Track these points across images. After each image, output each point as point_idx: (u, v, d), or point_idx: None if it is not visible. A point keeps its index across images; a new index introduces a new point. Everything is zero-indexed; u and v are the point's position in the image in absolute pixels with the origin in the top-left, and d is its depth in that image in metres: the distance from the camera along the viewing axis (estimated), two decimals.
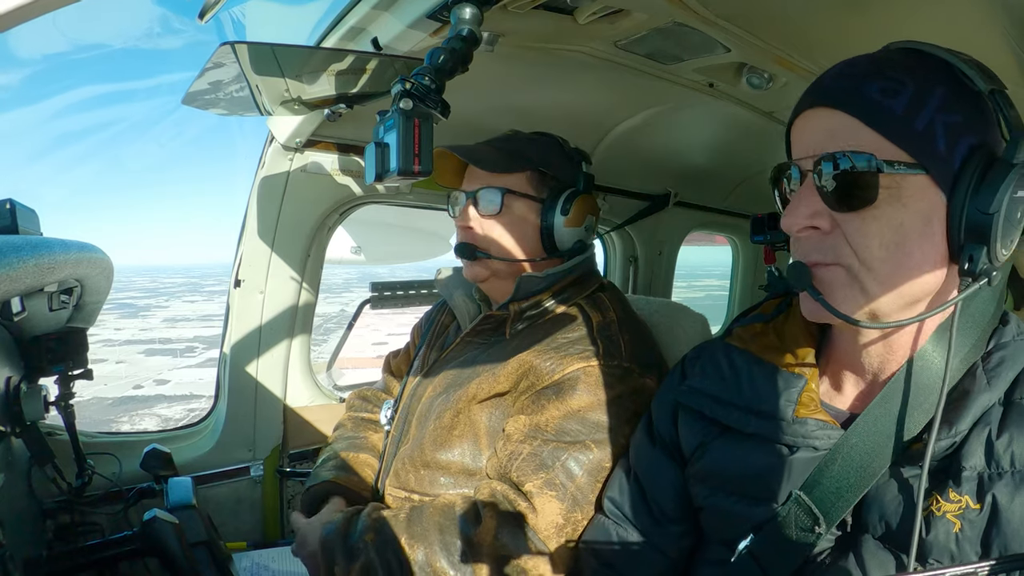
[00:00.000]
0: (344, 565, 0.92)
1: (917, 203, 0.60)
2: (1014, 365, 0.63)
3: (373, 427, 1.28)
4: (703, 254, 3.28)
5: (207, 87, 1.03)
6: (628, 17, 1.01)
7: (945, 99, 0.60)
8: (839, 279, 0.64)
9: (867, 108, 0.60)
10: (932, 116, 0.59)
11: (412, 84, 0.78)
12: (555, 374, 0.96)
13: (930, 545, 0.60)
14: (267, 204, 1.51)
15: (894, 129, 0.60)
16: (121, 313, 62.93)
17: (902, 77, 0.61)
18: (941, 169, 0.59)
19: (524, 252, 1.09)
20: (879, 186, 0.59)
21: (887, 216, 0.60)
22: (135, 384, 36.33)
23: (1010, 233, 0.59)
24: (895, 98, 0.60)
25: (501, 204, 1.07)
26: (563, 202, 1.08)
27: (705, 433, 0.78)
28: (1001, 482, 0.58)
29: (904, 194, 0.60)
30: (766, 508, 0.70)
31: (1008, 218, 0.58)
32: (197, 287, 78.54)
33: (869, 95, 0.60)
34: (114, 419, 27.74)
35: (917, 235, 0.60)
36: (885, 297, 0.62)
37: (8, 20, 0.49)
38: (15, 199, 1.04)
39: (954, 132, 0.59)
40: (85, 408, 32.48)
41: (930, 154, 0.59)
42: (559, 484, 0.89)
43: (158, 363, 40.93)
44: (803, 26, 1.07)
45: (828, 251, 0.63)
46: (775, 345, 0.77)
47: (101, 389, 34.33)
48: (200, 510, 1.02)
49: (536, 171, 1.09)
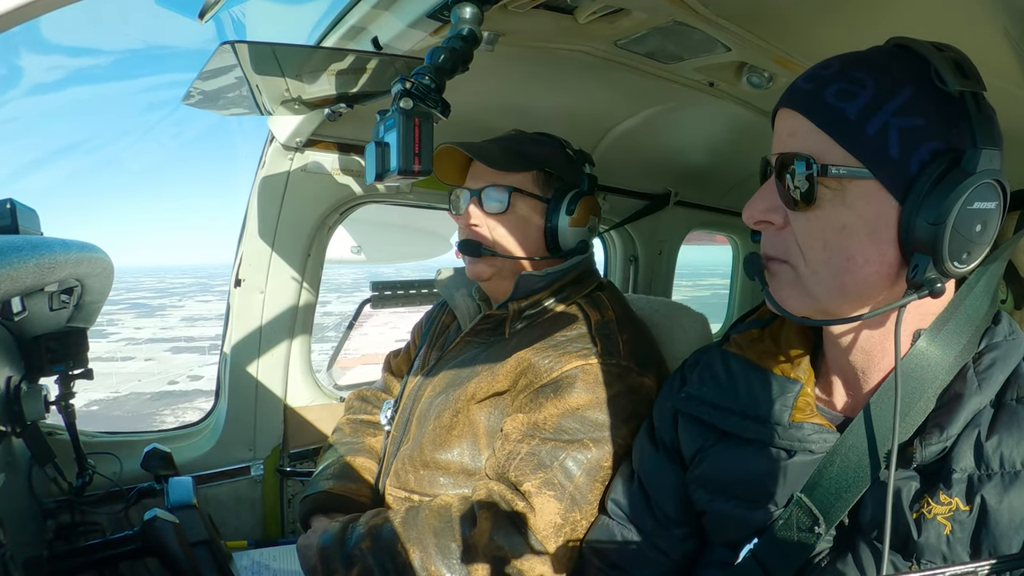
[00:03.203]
0: (343, 573, 0.92)
1: (863, 207, 0.60)
2: (1005, 366, 0.63)
3: (371, 430, 1.28)
4: (708, 253, 3.28)
5: (207, 87, 1.03)
6: (628, 16, 1.01)
7: (908, 102, 0.59)
8: (786, 276, 0.66)
9: (821, 112, 0.61)
10: (887, 120, 0.59)
11: (412, 83, 0.78)
12: (553, 372, 0.96)
13: (922, 547, 0.60)
14: (267, 204, 1.51)
15: (844, 133, 0.60)
16: (137, 313, 63.31)
17: (865, 79, 0.60)
18: (892, 174, 0.59)
19: (528, 251, 1.09)
20: (824, 187, 0.61)
21: (831, 217, 0.61)
22: (169, 380, 36.83)
23: (964, 246, 0.57)
24: (851, 101, 0.60)
25: (508, 203, 1.07)
26: (568, 202, 1.08)
27: (704, 438, 0.79)
28: (990, 483, 0.58)
29: (849, 197, 0.60)
30: (765, 511, 0.70)
31: (959, 230, 0.56)
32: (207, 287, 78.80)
33: (825, 99, 0.61)
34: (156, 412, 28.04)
35: (862, 239, 0.61)
36: (828, 297, 0.64)
37: (8, 20, 0.49)
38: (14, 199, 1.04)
39: (912, 137, 0.58)
40: (124, 403, 33.16)
41: (879, 159, 0.59)
42: (557, 484, 0.89)
43: (186, 360, 41.42)
44: (803, 26, 1.07)
45: (780, 246, 0.66)
46: (771, 350, 0.77)
47: (136, 385, 34.87)
48: (200, 509, 1.02)
49: (541, 171, 1.09)
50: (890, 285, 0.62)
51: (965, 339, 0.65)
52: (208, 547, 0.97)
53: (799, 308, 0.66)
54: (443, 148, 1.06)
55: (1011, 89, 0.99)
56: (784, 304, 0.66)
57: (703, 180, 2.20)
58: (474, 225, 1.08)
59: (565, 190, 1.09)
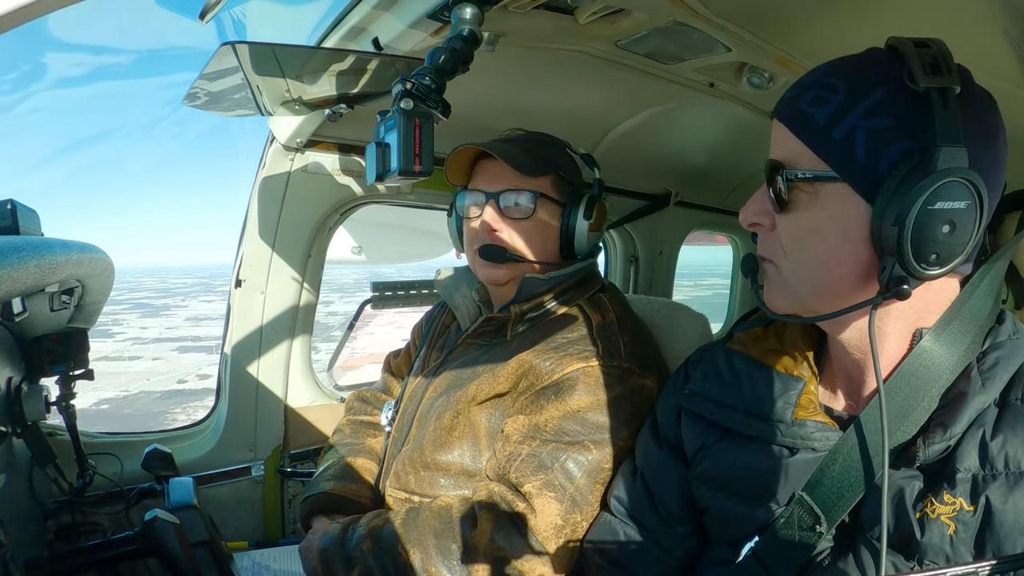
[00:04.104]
0: (344, 574, 0.92)
1: (834, 209, 0.62)
2: (1009, 365, 0.63)
3: (371, 431, 1.28)
4: (709, 253, 3.28)
5: (208, 87, 1.03)
6: (628, 17, 1.01)
7: (879, 103, 0.59)
8: (773, 275, 0.70)
9: (794, 119, 0.64)
10: (854, 123, 0.60)
11: (413, 84, 0.78)
12: (554, 374, 0.96)
13: (925, 547, 0.60)
14: (268, 204, 1.51)
15: (814, 138, 0.62)
16: (142, 312, 63.48)
17: (838, 84, 0.62)
18: (859, 177, 0.60)
19: (545, 256, 1.09)
20: (799, 191, 0.64)
21: (806, 220, 0.64)
22: (179, 379, 36.90)
23: (930, 247, 0.56)
24: (821, 107, 0.62)
25: (534, 208, 1.06)
26: (585, 206, 1.08)
27: (707, 436, 0.79)
28: (995, 484, 0.58)
29: (821, 200, 0.63)
30: (767, 509, 0.70)
31: (922, 231, 0.56)
32: (209, 287, 78.93)
33: (799, 106, 0.64)
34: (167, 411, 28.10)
35: (834, 240, 0.63)
36: (809, 296, 0.67)
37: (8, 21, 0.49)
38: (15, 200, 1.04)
39: (879, 139, 0.59)
40: (134, 401, 33.14)
41: (846, 162, 0.60)
42: (558, 485, 0.89)
43: (194, 359, 41.59)
44: (803, 26, 1.07)
45: (768, 248, 0.70)
46: (775, 348, 0.78)
47: (145, 384, 35.04)
48: (201, 510, 1.02)
49: (557, 175, 1.09)
50: (865, 285, 0.63)
51: (969, 338, 0.65)
52: (209, 548, 0.97)
53: (783, 306, 0.70)
54: (459, 148, 1.05)
55: (1011, 89, 0.99)
56: (769, 302, 0.71)
57: (703, 180, 2.20)
58: (495, 230, 1.07)
59: (579, 194, 1.09)
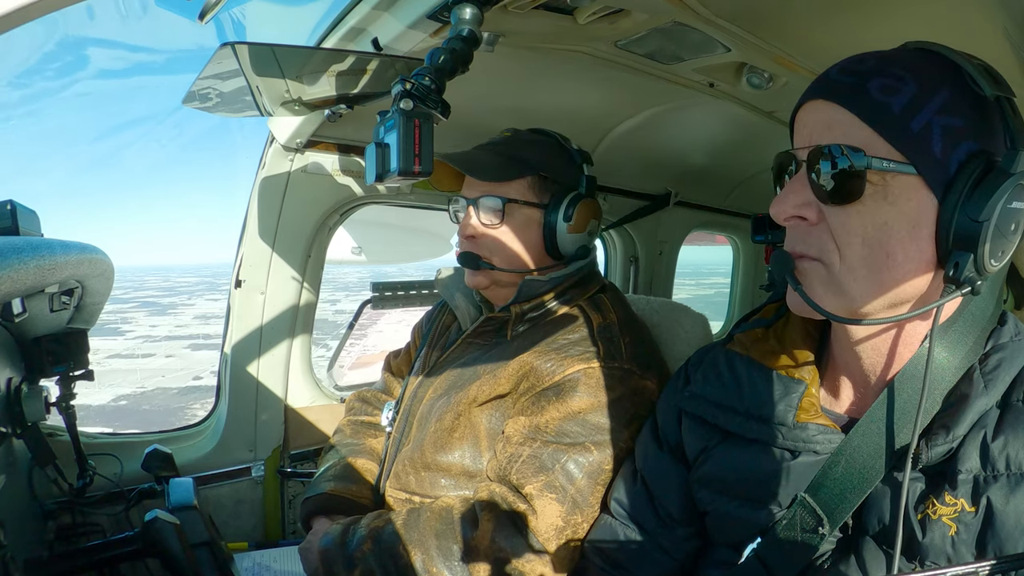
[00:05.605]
0: (345, 575, 0.92)
1: (905, 203, 0.60)
2: (1011, 367, 0.63)
3: (372, 431, 1.28)
4: (710, 253, 3.29)
5: (208, 88, 1.03)
6: (628, 17, 1.01)
7: (947, 102, 0.59)
8: (819, 274, 0.64)
9: (865, 104, 0.60)
10: (930, 118, 0.59)
11: (412, 84, 0.78)
12: (555, 375, 0.95)
13: (926, 548, 0.60)
14: (268, 204, 1.51)
15: (889, 127, 0.59)
16: (149, 311, 63.54)
17: (905, 76, 0.60)
18: (934, 171, 0.59)
19: (527, 260, 1.08)
20: (867, 182, 0.59)
21: (872, 213, 0.60)
22: (194, 376, 36.99)
23: (1001, 244, 0.59)
24: (894, 96, 0.59)
25: (503, 214, 1.06)
26: (565, 208, 1.06)
27: (708, 438, 0.79)
28: (996, 485, 0.58)
29: (892, 193, 0.60)
30: (769, 512, 0.70)
31: (999, 228, 0.57)
32: (214, 286, 79.00)
33: (868, 91, 0.60)
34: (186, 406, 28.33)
35: (902, 235, 0.60)
36: (864, 296, 0.62)
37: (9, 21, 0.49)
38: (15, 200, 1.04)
39: (952, 136, 0.59)
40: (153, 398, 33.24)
41: (923, 155, 0.59)
42: (559, 486, 0.89)
43: (207, 356, 41.75)
44: (803, 26, 1.07)
45: (813, 244, 0.64)
46: (775, 350, 0.77)
47: (161, 381, 35.15)
48: (201, 510, 1.02)
49: (537, 176, 1.08)
50: (926, 283, 0.62)
51: (972, 340, 0.65)
52: (209, 548, 0.97)
53: (833, 307, 0.64)
54: (435, 160, 1.05)
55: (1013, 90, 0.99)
56: (820, 303, 0.64)
57: (703, 180, 2.20)
58: (471, 236, 1.07)
59: (562, 193, 1.08)
